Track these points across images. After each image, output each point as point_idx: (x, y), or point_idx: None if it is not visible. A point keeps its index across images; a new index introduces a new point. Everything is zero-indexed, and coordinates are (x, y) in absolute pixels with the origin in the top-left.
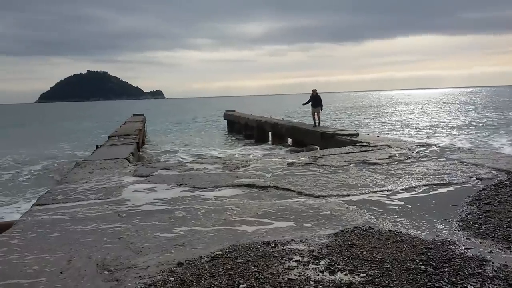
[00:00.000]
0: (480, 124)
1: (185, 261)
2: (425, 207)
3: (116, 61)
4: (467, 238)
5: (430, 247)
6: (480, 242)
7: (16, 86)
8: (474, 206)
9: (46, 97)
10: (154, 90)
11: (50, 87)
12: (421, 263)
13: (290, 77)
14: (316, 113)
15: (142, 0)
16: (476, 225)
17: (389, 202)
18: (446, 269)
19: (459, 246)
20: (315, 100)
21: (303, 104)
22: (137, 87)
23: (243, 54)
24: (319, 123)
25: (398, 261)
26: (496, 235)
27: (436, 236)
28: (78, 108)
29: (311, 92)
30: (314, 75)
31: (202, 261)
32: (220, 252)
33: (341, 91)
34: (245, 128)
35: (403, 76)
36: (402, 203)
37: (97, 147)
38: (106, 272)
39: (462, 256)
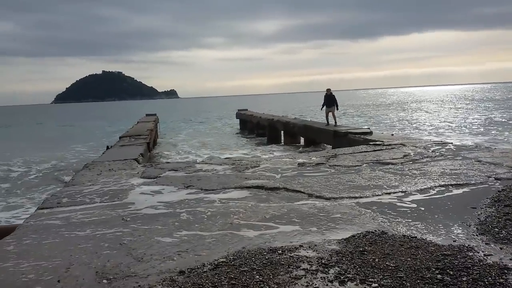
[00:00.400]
0: (494, 122)
1: (187, 269)
2: (441, 210)
3: (131, 61)
4: (486, 244)
5: (447, 253)
6: (501, 248)
7: (33, 87)
8: (493, 208)
9: (62, 98)
10: (168, 89)
11: (66, 88)
12: (437, 271)
13: (303, 75)
14: (331, 113)
15: None
16: (496, 229)
17: (403, 204)
18: (464, 279)
19: (478, 253)
20: (329, 100)
21: (321, 108)
22: (151, 87)
23: (257, 52)
24: (335, 123)
25: (413, 270)
26: None
27: (453, 241)
28: (93, 108)
29: (325, 91)
30: (327, 72)
31: (205, 269)
32: (224, 260)
33: (354, 89)
34: (257, 127)
35: (418, 73)
36: (417, 205)
37: (107, 147)
38: (104, 280)
39: (481, 263)
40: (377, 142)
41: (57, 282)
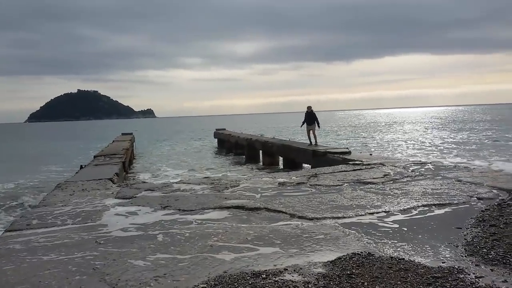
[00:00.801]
0: (469, 142)
1: None
2: (426, 230)
3: (107, 80)
4: (476, 265)
5: (437, 276)
6: (492, 270)
7: (5, 105)
8: (479, 228)
9: (36, 117)
10: (145, 109)
11: (40, 107)
12: None
13: (280, 96)
14: (311, 131)
15: (133, 19)
16: (484, 250)
17: (387, 224)
18: None
19: (469, 275)
20: (310, 118)
21: (301, 126)
22: (128, 106)
23: (234, 73)
24: (316, 142)
25: None
26: (508, 261)
27: (442, 262)
28: (68, 127)
29: (306, 109)
30: (305, 93)
31: None
32: (205, 285)
33: (330, 110)
34: (235, 146)
35: (391, 95)
36: (401, 225)
37: (81, 167)
38: None
39: (473, 286)
40: (356, 162)
41: None
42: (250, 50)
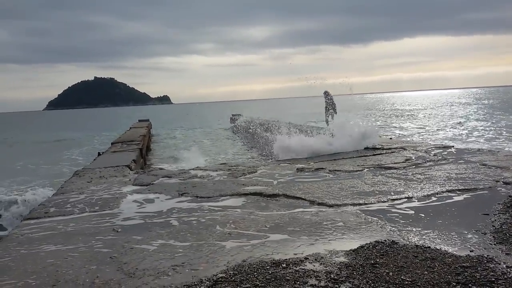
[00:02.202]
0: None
1: (184, 286)
2: (452, 216)
3: (123, 67)
4: (506, 254)
5: (465, 265)
6: None
7: (25, 94)
8: (507, 214)
9: (54, 104)
10: (161, 95)
11: (58, 94)
12: (458, 286)
13: (296, 80)
14: (330, 116)
15: (145, 6)
16: None
17: (411, 211)
18: None
19: (500, 264)
20: (328, 103)
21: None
22: (144, 93)
23: (248, 58)
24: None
25: (431, 284)
26: None
27: (470, 251)
28: (85, 115)
29: (323, 95)
30: (321, 78)
31: (202, 286)
32: (224, 275)
33: (348, 94)
34: (252, 131)
35: (410, 78)
36: (426, 212)
37: (98, 154)
38: None
39: (505, 277)
40: (377, 146)
41: None
42: (264, 35)
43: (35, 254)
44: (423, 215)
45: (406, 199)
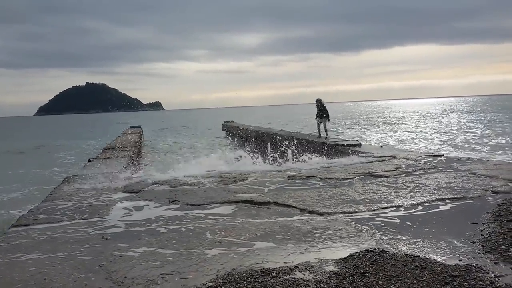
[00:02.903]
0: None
1: None
2: (441, 225)
3: (115, 73)
4: (495, 263)
5: (454, 274)
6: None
7: (15, 99)
8: (496, 223)
9: (45, 110)
10: (153, 101)
11: (49, 100)
12: None
13: (288, 88)
14: (322, 124)
15: (138, 12)
16: (503, 247)
17: (401, 219)
18: None
19: (488, 273)
20: (321, 110)
21: (316, 118)
22: (136, 98)
23: (241, 65)
24: (326, 134)
25: None
26: None
27: (459, 260)
28: (76, 120)
29: (315, 102)
30: (313, 85)
31: None
32: (213, 284)
33: (339, 101)
34: (243, 139)
35: (401, 86)
36: (416, 220)
37: (89, 160)
38: None
39: (494, 286)
40: (367, 154)
41: None
42: (256, 41)
43: (22, 262)
44: (412, 223)
45: (396, 208)
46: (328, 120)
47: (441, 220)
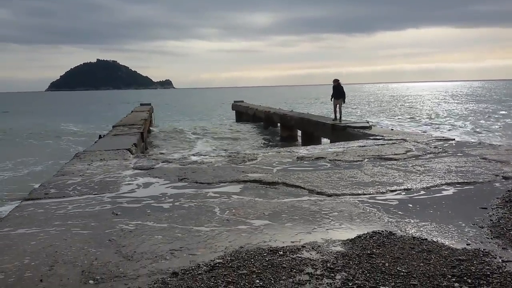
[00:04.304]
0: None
1: (181, 270)
2: (450, 209)
3: (126, 50)
4: (503, 248)
5: (462, 258)
6: None
7: (27, 74)
8: (505, 209)
9: (56, 86)
10: (164, 79)
11: (60, 76)
12: (454, 279)
13: (299, 68)
14: (338, 105)
15: None
16: (511, 232)
17: (409, 202)
18: None
19: (496, 258)
20: (337, 91)
21: (331, 99)
22: (147, 76)
23: (252, 44)
24: (340, 116)
25: (427, 276)
26: None
27: (467, 244)
28: (88, 97)
29: (332, 83)
30: (324, 66)
31: (200, 271)
32: (221, 261)
33: (350, 83)
34: (253, 119)
35: (414, 68)
36: (424, 204)
37: (99, 136)
38: (91, 281)
39: (500, 270)
40: (377, 137)
41: (40, 281)
42: (268, 21)
43: (34, 235)
44: (421, 207)
45: (405, 191)
46: (344, 101)
47: (450, 204)
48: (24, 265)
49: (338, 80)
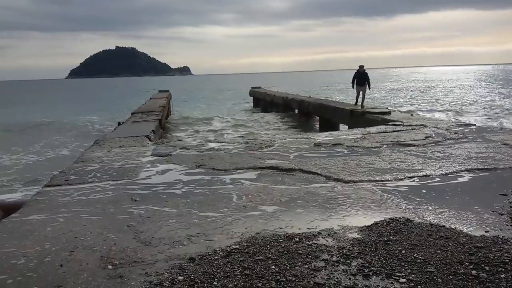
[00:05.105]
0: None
1: (198, 256)
2: (469, 196)
3: (144, 37)
4: None
5: (480, 245)
6: None
7: (47, 62)
8: None
9: (76, 73)
10: (182, 66)
11: (80, 63)
12: (471, 266)
13: (318, 53)
14: (361, 92)
15: None
16: None
17: (428, 189)
18: (502, 275)
19: None
20: (361, 78)
21: (353, 86)
22: (165, 63)
23: (269, 29)
24: (363, 103)
25: (444, 264)
26: None
27: (485, 231)
28: (108, 84)
29: (358, 68)
30: (342, 51)
31: (216, 257)
32: (238, 246)
33: (370, 67)
34: (271, 105)
35: (435, 52)
36: (443, 191)
37: (119, 123)
38: (109, 266)
39: None
40: (397, 123)
41: (60, 266)
42: (285, 5)
43: (55, 220)
44: (439, 193)
45: (424, 177)
46: (369, 87)
47: (469, 191)
48: (45, 250)
49: (363, 66)
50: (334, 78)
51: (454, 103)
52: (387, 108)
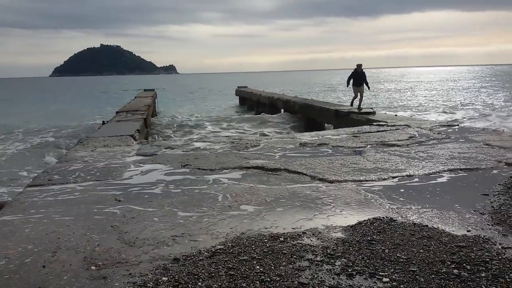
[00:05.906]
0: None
1: (183, 256)
2: (452, 196)
3: (129, 35)
4: (503, 235)
5: (461, 245)
6: None
7: (30, 59)
8: (507, 195)
9: (60, 71)
10: (167, 65)
11: (64, 61)
12: (453, 265)
13: (303, 53)
14: (359, 93)
15: None
16: None
17: (411, 189)
18: (483, 274)
19: (495, 245)
20: (359, 78)
21: (347, 85)
22: (150, 61)
23: (255, 28)
24: (359, 105)
25: (426, 263)
26: None
27: (467, 231)
28: (92, 82)
29: (355, 67)
30: (328, 51)
31: (201, 257)
32: (222, 247)
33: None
34: (257, 104)
35: (419, 53)
36: (426, 190)
37: (103, 122)
38: (93, 267)
39: (500, 257)
40: (381, 123)
41: (42, 267)
42: (271, 5)
43: (37, 221)
44: (422, 193)
45: (407, 177)
46: (368, 88)
47: (451, 191)
48: (27, 251)
49: (361, 65)
50: (319, 78)
51: (437, 103)
52: (372, 108)
